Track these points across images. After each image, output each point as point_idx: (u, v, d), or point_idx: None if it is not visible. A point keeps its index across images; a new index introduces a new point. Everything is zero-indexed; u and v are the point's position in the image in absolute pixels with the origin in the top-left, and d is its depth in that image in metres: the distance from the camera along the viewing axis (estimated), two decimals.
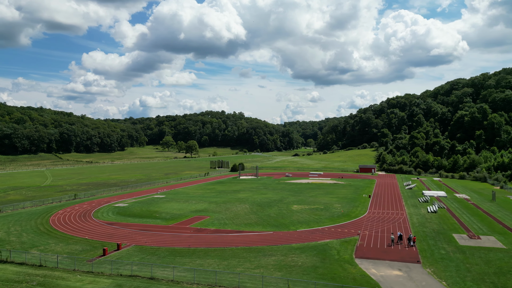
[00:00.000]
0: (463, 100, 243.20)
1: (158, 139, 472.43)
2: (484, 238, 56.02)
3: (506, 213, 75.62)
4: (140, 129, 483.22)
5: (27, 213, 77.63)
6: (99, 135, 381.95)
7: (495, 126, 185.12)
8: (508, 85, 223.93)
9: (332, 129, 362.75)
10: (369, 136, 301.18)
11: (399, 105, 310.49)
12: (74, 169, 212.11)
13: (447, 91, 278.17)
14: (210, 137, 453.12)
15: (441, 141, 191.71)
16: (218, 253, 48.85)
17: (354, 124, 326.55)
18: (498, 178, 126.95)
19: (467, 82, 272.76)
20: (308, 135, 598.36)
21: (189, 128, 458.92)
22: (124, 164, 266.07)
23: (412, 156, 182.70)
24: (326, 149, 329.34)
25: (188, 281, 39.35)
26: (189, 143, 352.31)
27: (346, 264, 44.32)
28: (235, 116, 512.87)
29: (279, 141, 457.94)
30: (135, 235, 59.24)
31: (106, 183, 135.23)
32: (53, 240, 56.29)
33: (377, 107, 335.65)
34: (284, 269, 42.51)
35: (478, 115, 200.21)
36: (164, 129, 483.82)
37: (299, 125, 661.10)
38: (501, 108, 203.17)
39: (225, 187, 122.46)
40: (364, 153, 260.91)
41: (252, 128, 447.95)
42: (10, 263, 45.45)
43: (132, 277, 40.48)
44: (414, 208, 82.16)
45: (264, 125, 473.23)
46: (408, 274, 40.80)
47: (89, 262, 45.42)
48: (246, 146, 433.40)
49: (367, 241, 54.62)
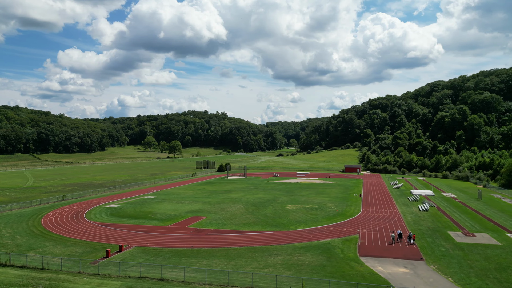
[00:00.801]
0: (443, 102, 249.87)
1: (140, 139, 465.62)
2: (478, 235, 57.81)
3: (494, 211, 78.19)
4: (121, 129, 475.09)
5: (16, 215, 75.33)
6: (78, 135, 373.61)
7: (474, 127, 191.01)
8: (486, 87, 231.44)
9: (315, 130, 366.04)
10: (351, 136, 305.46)
11: (381, 106, 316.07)
12: (55, 170, 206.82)
13: (427, 92, 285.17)
14: (193, 137, 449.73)
15: (424, 141, 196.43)
16: (223, 253, 48.70)
17: (337, 124, 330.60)
18: (481, 177, 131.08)
19: (446, 84, 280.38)
20: (290, 135, 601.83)
21: (172, 128, 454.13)
22: (106, 164, 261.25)
23: (396, 156, 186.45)
24: (309, 149, 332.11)
25: (199, 281, 39.11)
26: (172, 143, 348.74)
27: (352, 262, 44.95)
28: (218, 116, 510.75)
29: (263, 141, 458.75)
30: (135, 236, 58.36)
31: (92, 184, 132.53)
32: (50, 242, 54.83)
33: (359, 108, 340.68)
34: (293, 268, 42.77)
35: (458, 116, 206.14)
36: (146, 129, 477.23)
37: (281, 125, 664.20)
38: (480, 110, 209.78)
39: (215, 187, 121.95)
40: (347, 153, 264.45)
41: (236, 128, 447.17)
42: (10, 267, 44.05)
43: (141, 279, 39.91)
44: (405, 207, 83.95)
45: (248, 125, 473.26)
46: (414, 271, 41.74)
47: (93, 264, 44.52)
48: (230, 146, 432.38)
49: (367, 239, 55.52)
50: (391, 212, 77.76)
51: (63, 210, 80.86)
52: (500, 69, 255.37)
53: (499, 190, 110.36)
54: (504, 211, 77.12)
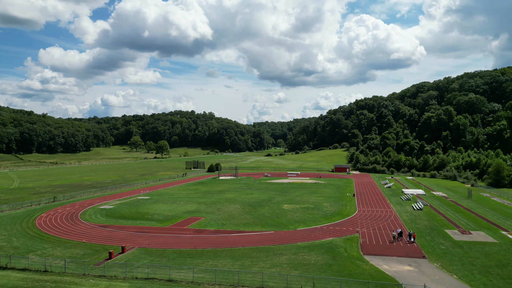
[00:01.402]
0: (429, 103, 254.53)
1: (125, 139, 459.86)
2: (475, 233, 59.13)
3: (485, 209, 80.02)
4: (106, 128, 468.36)
5: (8, 217, 73.61)
6: (62, 135, 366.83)
7: (460, 128, 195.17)
8: (471, 89, 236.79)
9: (303, 130, 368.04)
10: (339, 136, 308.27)
11: (368, 106, 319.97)
12: (40, 171, 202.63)
13: (413, 93, 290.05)
14: (180, 137, 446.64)
15: (411, 142, 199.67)
16: (227, 254, 48.59)
17: (325, 125, 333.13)
18: (468, 177, 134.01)
19: (431, 85, 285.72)
20: (277, 136, 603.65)
21: (158, 128, 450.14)
22: (93, 165, 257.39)
23: (384, 156, 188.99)
24: (298, 149, 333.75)
25: (208, 282, 38.96)
26: (160, 143, 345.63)
27: (357, 261, 45.43)
28: (205, 116, 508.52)
29: (250, 141, 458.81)
30: (135, 237, 57.69)
31: (81, 185, 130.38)
32: (48, 244, 53.76)
33: (346, 109, 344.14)
34: (300, 268, 42.99)
35: (444, 117, 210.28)
36: (132, 129, 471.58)
37: (267, 125, 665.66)
38: (465, 110, 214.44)
39: (208, 187, 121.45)
40: (335, 153, 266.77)
41: (223, 128, 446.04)
42: (11, 269, 43.06)
43: (149, 280, 39.52)
44: (399, 206, 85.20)
45: (235, 125, 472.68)
46: (419, 269, 42.45)
47: (97, 266, 43.86)
48: (217, 146, 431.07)
49: (368, 238, 56.17)
50: (387, 211, 78.82)
51: (56, 212, 79.35)
52: (484, 71, 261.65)
53: (486, 189, 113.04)
54: (496, 210, 79.01)
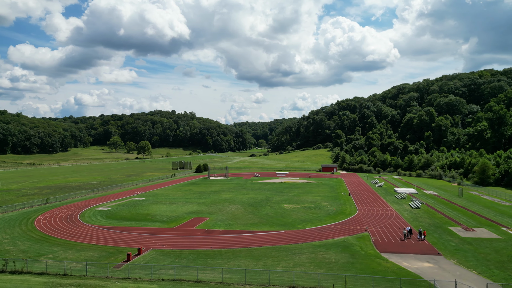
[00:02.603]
0: (410, 104, 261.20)
1: (104, 140, 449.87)
2: (478, 230, 61.15)
3: (479, 207, 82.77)
4: (84, 128, 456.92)
5: (3, 220, 71.04)
6: (38, 135, 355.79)
7: (442, 128, 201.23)
8: (450, 91, 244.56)
9: (286, 130, 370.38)
10: (322, 137, 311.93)
11: (349, 107, 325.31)
12: (19, 172, 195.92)
13: (394, 95, 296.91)
14: (161, 138, 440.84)
15: (395, 142, 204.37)
16: (246, 254, 48.48)
17: (308, 125, 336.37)
18: (454, 176, 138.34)
19: (412, 87, 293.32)
20: (258, 136, 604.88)
21: (138, 128, 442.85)
22: (73, 166, 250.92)
23: (370, 156, 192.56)
24: (281, 150, 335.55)
25: (237, 282, 38.80)
26: (142, 143, 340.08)
27: (376, 259, 46.22)
28: (186, 116, 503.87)
29: (233, 141, 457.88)
30: (145, 239, 56.72)
31: (69, 186, 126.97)
32: (57, 247, 52.13)
33: (328, 109, 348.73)
34: (324, 266, 43.38)
35: (426, 118, 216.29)
36: (110, 129, 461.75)
37: (248, 125, 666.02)
38: (446, 112, 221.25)
39: (202, 188, 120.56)
40: (320, 153, 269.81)
41: (205, 129, 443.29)
42: (28, 274, 41.56)
43: (177, 282, 39.00)
44: (397, 204, 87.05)
45: (217, 125, 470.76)
46: (438, 265, 43.61)
47: (117, 268, 42.93)
48: (199, 147, 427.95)
49: (378, 236, 57.20)
50: (386, 209, 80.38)
51: (52, 214, 77.04)
52: (462, 74, 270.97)
53: (474, 187, 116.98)
54: (489, 207, 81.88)
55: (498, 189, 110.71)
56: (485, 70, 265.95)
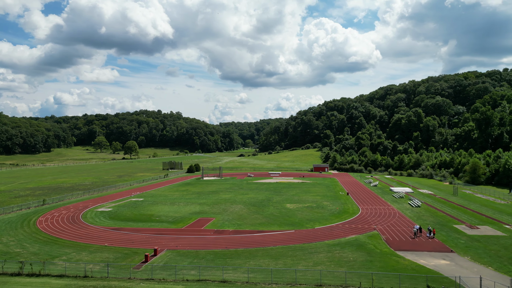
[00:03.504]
0: (397, 105, 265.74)
1: (88, 140, 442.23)
2: (482, 228, 62.72)
3: (477, 205, 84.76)
4: (67, 128, 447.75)
5: (3, 222, 69.16)
6: (21, 134, 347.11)
7: (430, 128, 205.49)
8: (437, 92, 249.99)
9: (274, 130, 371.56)
10: (310, 137, 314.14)
11: (337, 108, 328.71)
12: (4, 173, 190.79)
13: (382, 96, 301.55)
14: (147, 138, 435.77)
15: (384, 142, 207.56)
16: (263, 253, 48.54)
17: (296, 125, 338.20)
18: (445, 175, 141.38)
19: (399, 88, 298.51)
20: (245, 136, 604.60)
21: (124, 128, 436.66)
22: (60, 166, 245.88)
23: (361, 156, 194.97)
24: (270, 150, 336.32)
25: (263, 281, 38.85)
26: (128, 143, 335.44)
27: (393, 257, 46.95)
28: (172, 116, 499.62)
29: (220, 141, 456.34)
30: (156, 239, 56.14)
31: (61, 187, 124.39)
32: (68, 249, 51.09)
33: (316, 110, 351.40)
34: (344, 265, 43.81)
35: (414, 118, 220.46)
36: (95, 129, 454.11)
37: (234, 125, 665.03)
38: (433, 112, 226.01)
39: (198, 188, 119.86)
40: (309, 153, 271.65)
41: (192, 129, 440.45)
42: (46, 276, 40.65)
43: (202, 282, 38.79)
44: (396, 203, 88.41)
45: (204, 125, 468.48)
46: (455, 262, 44.60)
47: (137, 270, 42.39)
48: (186, 147, 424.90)
49: (388, 235, 58.05)
50: (388, 208, 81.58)
51: (52, 215, 75.46)
52: (448, 75, 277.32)
53: (466, 186, 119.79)
54: (486, 205, 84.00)
55: (489, 188, 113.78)
56: (470, 72, 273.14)
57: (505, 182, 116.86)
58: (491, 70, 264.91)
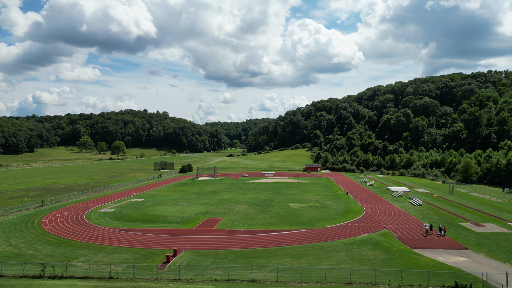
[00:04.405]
0: (386, 105, 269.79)
1: (72, 140, 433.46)
2: (487, 225, 64.31)
3: (475, 204, 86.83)
4: (50, 128, 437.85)
5: (5, 224, 67.37)
6: (3, 134, 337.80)
7: (419, 129, 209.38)
8: (424, 93, 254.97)
9: (263, 130, 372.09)
10: (300, 137, 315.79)
11: (325, 108, 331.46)
12: None
13: (370, 96, 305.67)
14: (133, 138, 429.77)
15: (375, 142, 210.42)
16: (283, 252, 48.66)
17: (285, 125, 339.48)
18: (437, 174, 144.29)
19: (386, 89, 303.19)
20: (232, 136, 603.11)
21: (109, 127, 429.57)
22: (47, 167, 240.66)
23: (352, 156, 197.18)
24: (259, 150, 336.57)
25: (292, 280, 38.92)
26: (116, 143, 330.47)
27: (412, 254, 47.72)
28: (159, 115, 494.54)
29: (208, 141, 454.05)
30: (171, 240, 55.65)
31: (54, 188, 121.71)
32: (83, 250, 50.12)
33: (304, 110, 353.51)
34: (366, 263, 44.30)
35: (403, 119, 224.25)
36: (79, 129, 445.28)
37: (221, 125, 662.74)
38: (421, 113, 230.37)
39: (196, 188, 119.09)
40: (299, 153, 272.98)
41: (180, 129, 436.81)
42: (70, 278, 39.80)
43: (231, 281, 38.67)
44: (398, 202, 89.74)
45: (192, 125, 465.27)
46: (472, 259, 45.63)
47: (161, 270, 41.91)
48: (174, 147, 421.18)
49: (399, 233, 58.93)
50: (390, 207, 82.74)
51: (55, 216, 73.88)
52: (435, 77, 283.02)
53: (459, 185, 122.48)
54: (485, 204, 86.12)
55: (482, 187, 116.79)
56: (455, 74, 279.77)
57: (497, 181, 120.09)
58: (476, 72, 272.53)
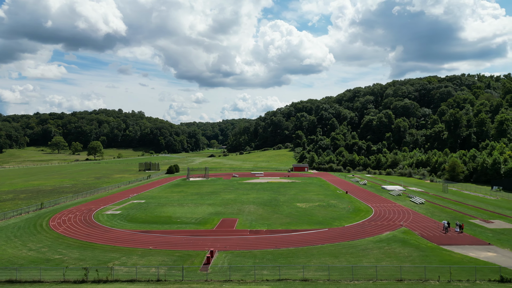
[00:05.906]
0: (367, 107, 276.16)
1: (42, 140, 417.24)
2: (496, 221, 67.15)
3: (472, 201, 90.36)
4: (20, 128, 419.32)
5: (11, 227, 64.21)
6: None
7: (401, 129, 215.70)
8: (404, 95, 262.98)
9: (244, 131, 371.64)
10: (281, 137, 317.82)
11: (305, 109, 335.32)
12: None
13: (350, 98, 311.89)
14: (109, 138, 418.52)
15: (359, 142, 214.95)
16: (319, 251, 49.00)
17: (266, 126, 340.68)
18: (424, 173, 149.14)
19: (366, 90, 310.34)
20: (209, 136, 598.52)
21: (83, 127, 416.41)
22: (21, 168, 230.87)
23: (338, 156, 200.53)
24: (241, 150, 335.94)
25: (344, 278, 39.27)
26: (93, 144, 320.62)
27: (442, 251, 49.18)
28: (135, 115, 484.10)
29: (186, 142, 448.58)
30: (197, 241, 55.04)
31: (43, 190, 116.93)
32: (114, 253, 48.54)
33: (284, 110, 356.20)
34: (405, 260, 45.29)
35: (385, 120, 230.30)
36: (50, 128, 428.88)
37: (197, 126, 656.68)
38: (402, 114, 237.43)
39: (192, 189, 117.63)
40: (282, 153, 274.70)
41: (157, 129, 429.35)
42: (115, 282, 38.46)
43: (283, 281, 38.61)
44: (400, 201, 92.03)
45: (169, 125, 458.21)
46: (501, 254, 47.57)
47: (204, 271, 41.23)
48: (151, 147, 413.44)
49: (419, 231, 60.53)
50: (395, 206, 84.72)
51: (61, 219, 71.20)
52: (414, 79, 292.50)
53: (448, 183, 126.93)
54: (482, 201, 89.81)
55: (470, 185, 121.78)
56: (432, 77, 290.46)
57: (484, 180, 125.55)
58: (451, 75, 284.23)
